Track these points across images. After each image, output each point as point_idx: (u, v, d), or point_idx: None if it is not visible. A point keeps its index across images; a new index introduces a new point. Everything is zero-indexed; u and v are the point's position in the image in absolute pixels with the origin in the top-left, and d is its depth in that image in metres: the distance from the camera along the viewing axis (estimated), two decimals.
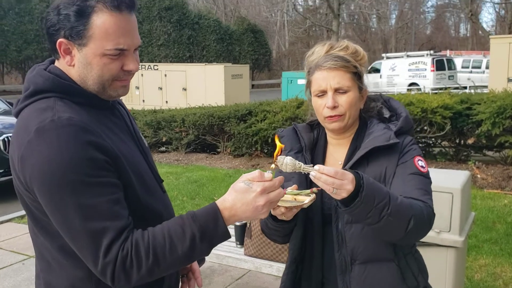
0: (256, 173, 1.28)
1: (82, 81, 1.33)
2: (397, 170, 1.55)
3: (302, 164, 1.35)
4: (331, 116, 1.58)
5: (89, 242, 1.21)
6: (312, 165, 1.35)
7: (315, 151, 1.70)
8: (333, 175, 1.30)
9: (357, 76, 1.60)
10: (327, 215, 1.60)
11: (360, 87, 1.62)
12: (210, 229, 1.26)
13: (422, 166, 1.56)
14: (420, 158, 1.58)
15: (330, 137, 1.71)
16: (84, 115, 1.29)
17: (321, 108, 1.59)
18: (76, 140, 1.21)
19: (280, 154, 1.38)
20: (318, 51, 1.65)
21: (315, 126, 1.74)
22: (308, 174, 1.35)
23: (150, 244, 1.23)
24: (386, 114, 1.69)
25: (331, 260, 1.61)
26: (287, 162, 1.34)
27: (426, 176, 1.56)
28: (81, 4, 1.27)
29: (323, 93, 1.59)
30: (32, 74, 1.35)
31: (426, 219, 1.47)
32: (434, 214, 1.52)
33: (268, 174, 1.28)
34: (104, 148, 1.26)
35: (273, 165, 1.37)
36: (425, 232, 1.51)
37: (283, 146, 1.46)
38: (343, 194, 1.32)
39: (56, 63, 1.37)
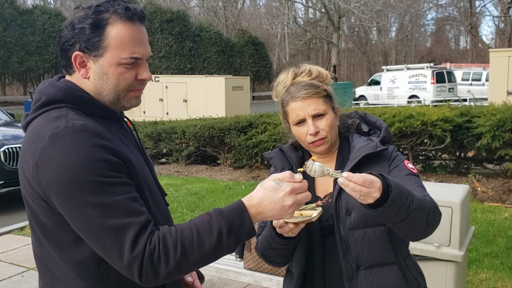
0: (286, 173, 1.29)
1: (97, 93, 1.36)
2: (391, 174, 1.62)
3: (331, 170, 1.39)
4: (314, 141, 1.65)
5: (112, 238, 1.20)
6: (340, 171, 1.40)
7: None
8: (361, 183, 1.34)
9: (329, 98, 1.69)
10: (325, 227, 1.65)
11: (333, 106, 1.70)
12: (237, 225, 1.25)
13: (412, 168, 1.67)
14: (408, 161, 1.68)
15: (315, 156, 1.77)
16: (96, 124, 1.31)
17: (304, 135, 1.67)
18: (90, 144, 1.23)
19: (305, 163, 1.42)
20: (283, 80, 1.73)
21: (299, 147, 1.80)
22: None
23: (178, 238, 1.22)
24: (365, 128, 1.78)
25: (332, 270, 1.66)
26: (315, 169, 1.38)
27: (419, 176, 1.67)
28: (95, 17, 1.30)
29: (302, 122, 1.66)
30: (44, 86, 1.37)
31: (438, 209, 1.56)
32: None
33: (298, 176, 1.29)
34: (117, 153, 1.27)
35: (301, 169, 1.39)
36: (439, 223, 1.58)
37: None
38: (369, 200, 1.37)
39: (68, 78, 1.39)
